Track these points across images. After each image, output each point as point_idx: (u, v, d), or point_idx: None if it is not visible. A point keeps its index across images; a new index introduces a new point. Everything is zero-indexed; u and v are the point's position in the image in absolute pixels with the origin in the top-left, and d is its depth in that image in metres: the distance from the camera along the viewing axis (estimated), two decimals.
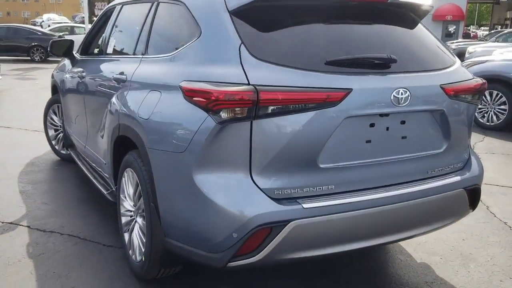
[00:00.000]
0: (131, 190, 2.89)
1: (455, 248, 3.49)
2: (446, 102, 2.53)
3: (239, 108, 2.06)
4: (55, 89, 5.24)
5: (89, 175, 3.97)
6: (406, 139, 2.45)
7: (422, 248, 3.45)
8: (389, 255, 3.33)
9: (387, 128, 2.38)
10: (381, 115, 2.33)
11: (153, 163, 2.45)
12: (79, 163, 4.36)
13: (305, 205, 2.14)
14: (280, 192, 2.16)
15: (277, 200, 2.14)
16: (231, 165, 2.13)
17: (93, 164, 3.92)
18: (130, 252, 2.91)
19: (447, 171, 2.65)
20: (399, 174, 2.47)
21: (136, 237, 2.84)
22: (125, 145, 2.92)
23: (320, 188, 2.23)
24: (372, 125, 2.33)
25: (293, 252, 2.17)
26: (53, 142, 5.46)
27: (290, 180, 2.17)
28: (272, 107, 2.08)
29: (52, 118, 5.44)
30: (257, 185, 2.12)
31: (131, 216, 2.95)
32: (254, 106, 2.05)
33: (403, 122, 2.42)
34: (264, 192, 2.12)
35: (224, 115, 2.08)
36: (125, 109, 2.87)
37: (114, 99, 3.10)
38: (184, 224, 2.30)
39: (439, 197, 2.52)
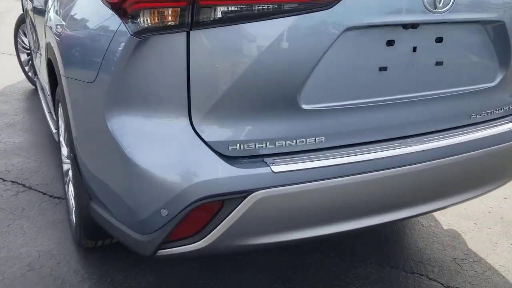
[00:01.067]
0: (62, 132, 2.18)
1: (494, 210, 2.73)
2: (508, 10, 1.65)
3: (167, 9, 1.25)
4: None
5: (44, 108, 3.28)
6: (443, 66, 1.61)
7: (451, 209, 2.69)
8: (407, 219, 2.59)
9: (414, 49, 1.54)
10: (406, 26, 1.48)
11: (67, 98, 1.70)
12: (40, 93, 3.67)
13: (276, 168, 1.38)
14: (238, 147, 1.39)
15: (233, 160, 1.38)
16: (159, 104, 1.35)
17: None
18: (70, 210, 2.25)
19: (500, 115, 1.83)
20: (428, 120, 1.66)
21: (71, 193, 2.17)
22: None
23: (302, 142, 1.45)
24: (390, 42, 1.49)
25: (257, 236, 1.45)
26: (26, 69, 4.75)
27: (254, 129, 1.40)
28: (221, 9, 1.26)
29: (22, 41, 4.69)
30: (200, 136, 1.36)
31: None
32: (190, 5, 1.24)
33: (439, 40, 1.57)
34: (211, 147, 1.37)
35: (143, 20, 1.27)
36: (49, 22, 2.08)
37: (49, 10, 2.31)
38: (106, 186, 1.58)
39: (487, 152, 1.71)
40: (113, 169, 1.48)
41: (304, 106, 1.42)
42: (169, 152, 1.35)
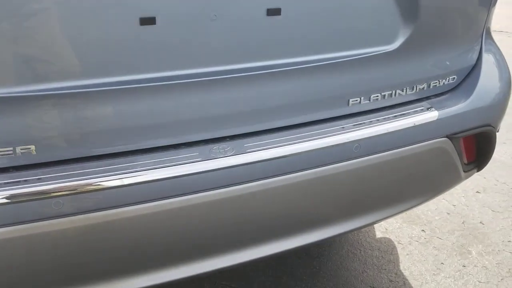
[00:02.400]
0: None
1: (457, 210, 2.08)
2: None
3: None
4: None
5: None
6: (281, 17, 0.92)
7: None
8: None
9: None
10: None
11: None
12: None
13: None
14: None
15: None
16: None
17: None
18: None
19: (404, 99, 1.12)
20: (260, 111, 0.99)
21: None
22: None
23: None
24: None
25: None
26: None
27: None
28: None
29: None
30: None
31: None
32: None
33: None
34: None
35: None
36: None
37: None
38: None
39: (378, 160, 1.05)
40: None
41: None
42: None
